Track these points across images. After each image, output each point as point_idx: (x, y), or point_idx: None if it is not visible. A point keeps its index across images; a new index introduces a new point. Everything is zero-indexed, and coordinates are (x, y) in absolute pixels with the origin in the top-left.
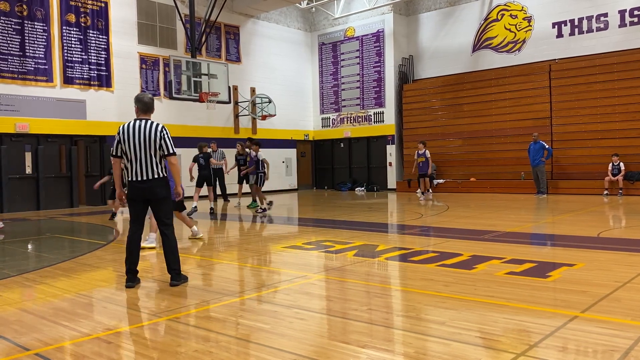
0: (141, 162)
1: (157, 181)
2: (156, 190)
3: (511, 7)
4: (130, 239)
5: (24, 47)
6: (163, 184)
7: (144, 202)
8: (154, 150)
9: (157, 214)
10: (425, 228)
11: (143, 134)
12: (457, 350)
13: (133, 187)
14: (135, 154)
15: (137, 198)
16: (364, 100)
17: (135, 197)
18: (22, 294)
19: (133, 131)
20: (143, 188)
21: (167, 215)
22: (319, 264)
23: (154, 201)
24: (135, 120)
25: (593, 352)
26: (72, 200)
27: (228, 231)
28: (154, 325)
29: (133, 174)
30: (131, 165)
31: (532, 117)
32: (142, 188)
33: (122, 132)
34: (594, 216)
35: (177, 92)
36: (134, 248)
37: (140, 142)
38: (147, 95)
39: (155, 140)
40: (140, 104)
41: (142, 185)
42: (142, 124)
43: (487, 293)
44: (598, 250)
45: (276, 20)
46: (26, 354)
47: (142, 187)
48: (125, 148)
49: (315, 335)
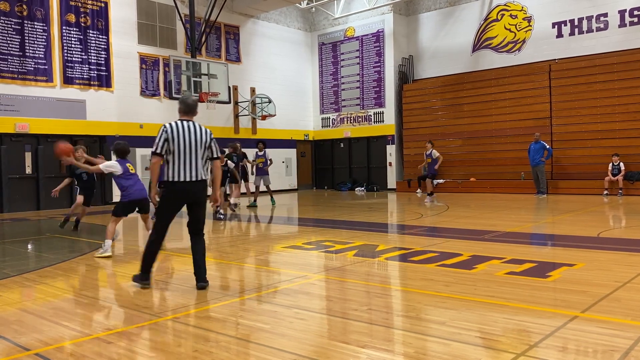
0: (191, 162)
1: (203, 183)
2: (201, 193)
3: (511, 7)
4: (156, 241)
5: (23, 47)
6: (206, 187)
7: (182, 205)
8: (203, 152)
9: (197, 217)
10: (425, 228)
11: (194, 135)
12: (457, 350)
13: (178, 188)
14: (185, 154)
15: (179, 199)
16: (364, 100)
17: (179, 198)
18: (22, 294)
19: (183, 131)
20: (190, 189)
21: (204, 220)
22: (319, 264)
23: (197, 204)
24: (182, 121)
25: (593, 352)
26: (72, 200)
27: (228, 231)
28: (154, 325)
29: (180, 174)
30: (178, 165)
31: (532, 117)
32: (188, 189)
33: (170, 130)
34: (594, 216)
35: (177, 92)
36: (157, 250)
37: (191, 142)
38: (192, 97)
39: (205, 142)
40: (183, 105)
41: (189, 187)
42: (191, 125)
43: (487, 293)
44: (598, 250)
45: (276, 20)
46: (26, 354)
47: (189, 188)
48: (174, 147)
49: (315, 335)
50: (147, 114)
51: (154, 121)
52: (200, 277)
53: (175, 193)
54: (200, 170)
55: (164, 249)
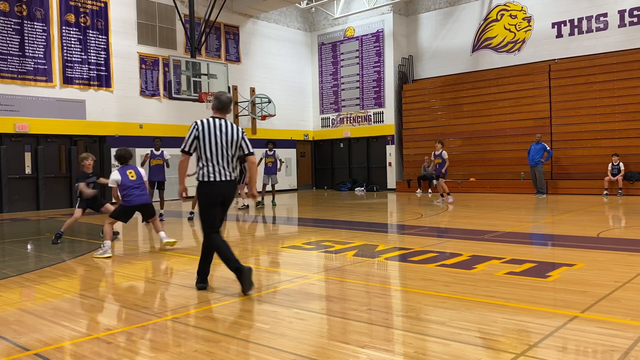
0: (222, 161)
1: (234, 183)
2: (231, 193)
3: (511, 7)
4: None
5: (23, 47)
6: (235, 186)
7: (220, 203)
8: (234, 151)
9: (222, 216)
10: (425, 228)
11: (225, 133)
12: (457, 350)
13: (213, 187)
14: (217, 152)
15: (215, 199)
16: (363, 101)
17: (214, 197)
18: (22, 294)
19: (214, 129)
20: (223, 188)
21: (224, 219)
22: (318, 264)
23: (224, 204)
24: (214, 119)
25: (593, 352)
26: (72, 200)
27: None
28: (153, 325)
29: (214, 174)
30: (211, 164)
31: (532, 117)
32: (222, 188)
33: (201, 127)
34: (594, 216)
35: (177, 92)
36: (226, 243)
37: (222, 141)
38: (226, 95)
39: (237, 141)
40: (216, 101)
41: (223, 186)
42: (222, 123)
43: (487, 293)
44: (598, 250)
45: (276, 20)
46: (26, 354)
47: (224, 187)
48: (205, 146)
49: (315, 336)
50: (147, 114)
51: (154, 121)
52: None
53: (210, 193)
54: (231, 170)
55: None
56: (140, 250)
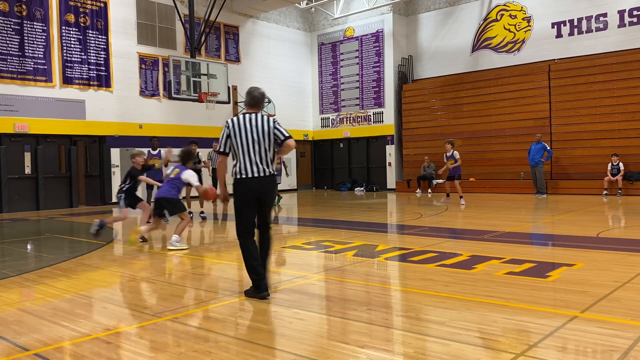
0: (255, 157)
1: (272, 178)
2: (269, 188)
3: (510, 7)
4: (249, 245)
5: (23, 47)
6: (275, 181)
7: (255, 201)
8: (268, 145)
9: (264, 213)
10: (425, 228)
11: (256, 127)
12: (457, 350)
13: (246, 185)
14: (248, 147)
15: (249, 196)
16: (363, 101)
17: (248, 195)
18: (22, 294)
19: (244, 125)
20: (258, 185)
21: (270, 217)
22: (318, 264)
23: (263, 200)
24: (244, 114)
25: (592, 352)
26: (72, 200)
27: (228, 231)
28: (153, 325)
29: (246, 171)
30: (243, 161)
31: (532, 117)
32: (257, 185)
33: (231, 125)
34: (594, 216)
35: (177, 92)
36: (255, 253)
37: (254, 135)
38: (258, 90)
39: (269, 133)
40: (248, 97)
41: (257, 182)
42: (252, 117)
43: (487, 293)
44: (597, 250)
45: (275, 20)
46: (26, 354)
47: (258, 183)
48: (237, 143)
49: (315, 336)
50: (147, 114)
51: (154, 121)
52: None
53: (245, 190)
54: (267, 164)
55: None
56: (140, 250)
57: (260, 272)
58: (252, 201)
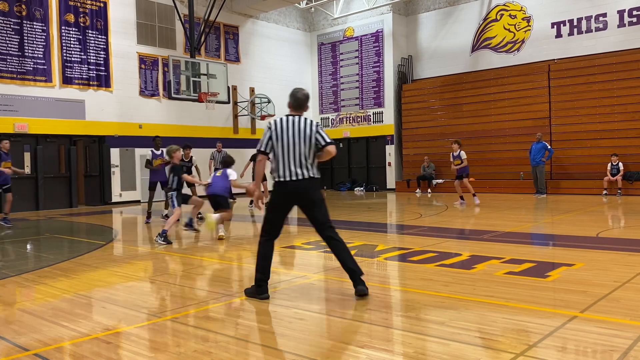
0: (294, 160)
1: (312, 181)
2: (310, 192)
3: (510, 7)
4: (268, 245)
5: (23, 47)
6: (318, 185)
7: (290, 208)
8: (309, 149)
9: (317, 217)
10: (425, 228)
11: (298, 130)
12: (457, 350)
13: (283, 188)
14: (288, 150)
15: (285, 200)
16: (363, 101)
17: (284, 199)
18: (22, 294)
19: (287, 127)
20: (297, 188)
21: (327, 218)
22: (318, 264)
23: (310, 204)
24: (287, 116)
25: (592, 352)
26: (72, 200)
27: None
28: (153, 325)
29: (284, 174)
30: (282, 164)
31: (532, 117)
32: (294, 189)
33: (274, 127)
34: (593, 216)
35: (176, 92)
36: (271, 255)
37: (295, 137)
38: (302, 91)
39: (310, 137)
40: (292, 99)
41: (295, 185)
42: (295, 120)
43: (487, 293)
44: (597, 250)
45: (275, 20)
46: (25, 354)
47: (295, 187)
48: (278, 145)
49: (315, 335)
50: (147, 114)
51: (153, 121)
52: (356, 280)
53: (282, 194)
54: (306, 168)
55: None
56: (140, 250)
57: (266, 273)
58: (286, 206)
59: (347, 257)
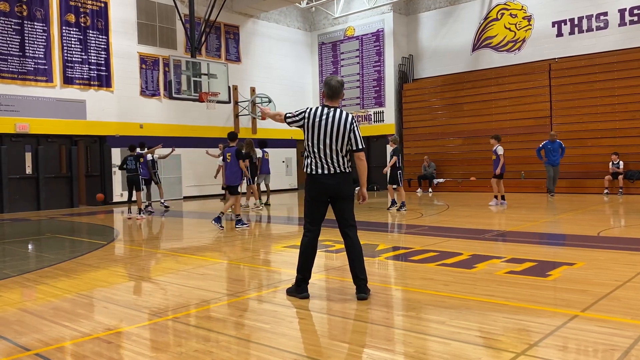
0: (327, 154)
1: (344, 176)
2: (342, 187)
3: (511, 6)
4: (307, 244)
5: (23, 47)
6: (350, 180)
7: (326, 201)
8: (342, 143)
9: (342, 214)
10: (425, 227)
11: (332, 124)
12: (457, 349)
13: (315, 182)
14: (319, 144)
15: (319, 194)
16: (363, 100)
17: (317, 193)
18: (23, 294)
19: (320, 118)
20: (328, 183)
21: (352, 216)
22: (319, 263)
23: (339, 199)
24: (323, 107)
25: (593, 351)
26: (73, 200)
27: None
28: (154, 325)
29: (316, 167)
30: (314, 157)
31: (532, 117)
32: (326, 183)
33: (307, 115)
34: (594, 215)
35: (177, 92)
36: (311, 255)
37: (328, 131)
38: (335, 79)
39: (344, 133)
40: (326, 87)
41: (327, 181)
42: (330, 112)
43: (487, 292)
44: (598, 249)
45: (276, 19)
46: (26, 354)
47: (327, 182)
48: (309, 137)
49: (315, 335)
50: (147, 113)
51: (154, 121)
52: (359, 287)
53: (314, 186)
54: (340, 162)
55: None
56: (140, 250)
57: (305, 274)
58: (322, 199)
59: (357, 264)
